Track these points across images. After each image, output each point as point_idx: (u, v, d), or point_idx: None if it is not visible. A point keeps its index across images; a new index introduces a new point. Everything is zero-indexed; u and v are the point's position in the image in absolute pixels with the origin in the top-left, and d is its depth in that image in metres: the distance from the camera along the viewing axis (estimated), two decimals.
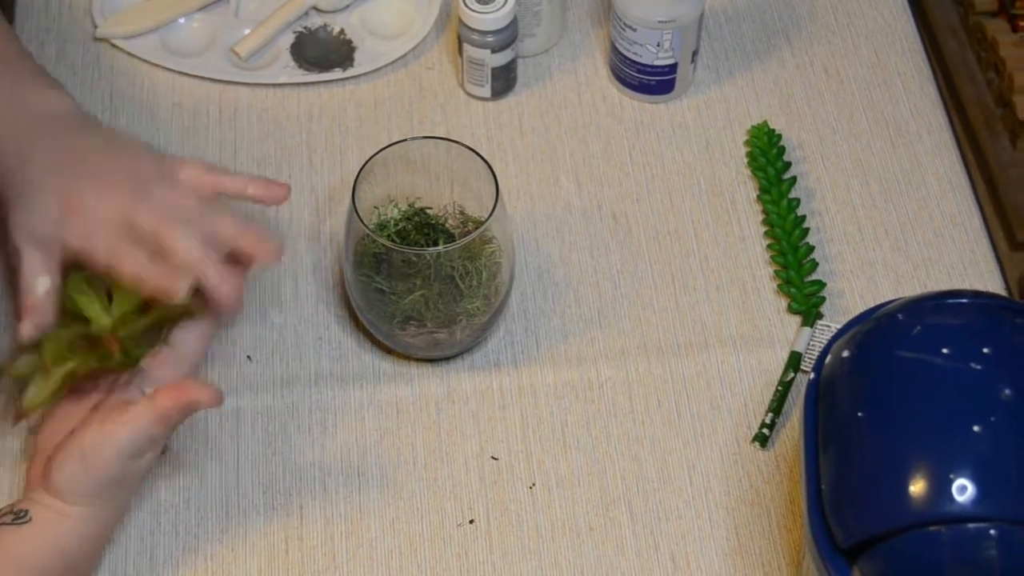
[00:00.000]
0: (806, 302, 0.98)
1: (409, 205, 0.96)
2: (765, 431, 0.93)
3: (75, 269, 0.87)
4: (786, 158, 1.05)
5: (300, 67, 1.10)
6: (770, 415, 0.93)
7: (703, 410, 0.95)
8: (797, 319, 0.98)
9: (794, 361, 0.95)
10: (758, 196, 1.04)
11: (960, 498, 0.70)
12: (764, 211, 1.03)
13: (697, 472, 0.92)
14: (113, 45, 1.11)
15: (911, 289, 1.00)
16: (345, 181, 1.03)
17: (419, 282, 0.90)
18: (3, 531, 0.83)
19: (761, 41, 1.13)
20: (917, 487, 0.71)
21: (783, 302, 0.99)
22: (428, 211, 0.96)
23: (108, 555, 0.89)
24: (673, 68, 1.06)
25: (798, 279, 0.99)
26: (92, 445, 0.83)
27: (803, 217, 1.02)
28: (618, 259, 1.01)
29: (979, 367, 0.73)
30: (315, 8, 1.12)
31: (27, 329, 0.86)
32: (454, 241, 0.91)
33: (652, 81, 1.07)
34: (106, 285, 0.87)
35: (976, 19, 1.12)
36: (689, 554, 0.89)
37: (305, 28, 1.12)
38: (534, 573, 0.88)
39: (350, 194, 0.90)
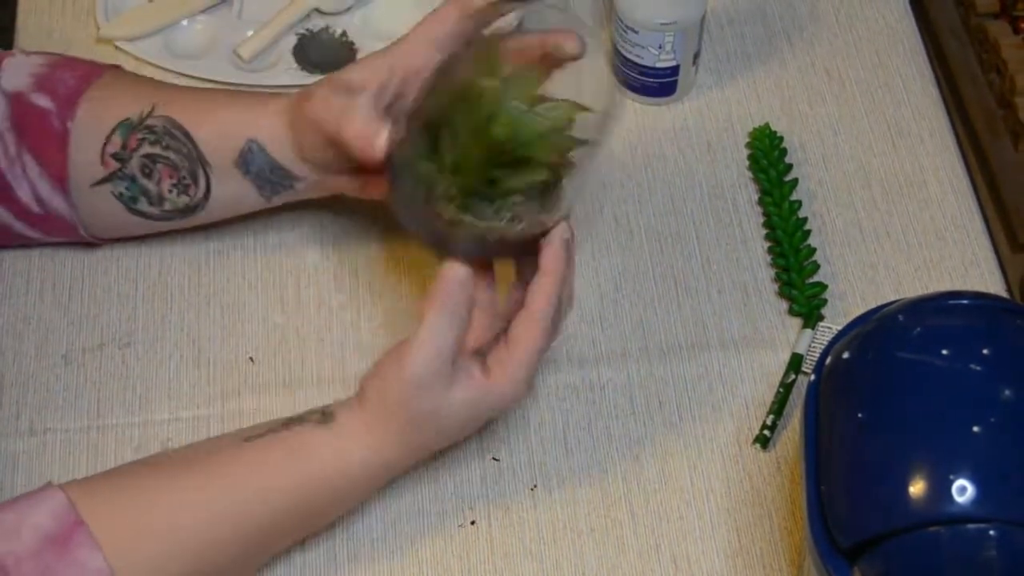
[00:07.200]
0: (807, 304, 0.98)
1: None
2: (766, 433, 0.93)
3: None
4: (788, 160, 1.05)
5: (303, 69, 1.10)
6: (771, 417, 0.93)
7: (704, 412, 0.95)
8: (798, 321, 0.98)
9: (795, 363, 0.96)
10: (760, 198, 1.04)
11: (960, 499, 0.70)
12: (765, 213, 1.03)
13: (698, 473, 0.92)
14: (116, 47, 1.11)
15: (912, 291, 1.00)
16: None
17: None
18: (309, 427, 0.84)
19: (763, 43, 1.13)
20: (917, 488, 0.71)
21: (784, 304, 0.99)
22: None
23: None
24: (675, 70, 1.06)
25: (799, 281, 0.99)
26: (387, 364, 0.83)
27: (804, 219, 1.02)
28: (619, 261, 1.01)
29: (979, 368, 0.73)
30: (317, 10, 1.12)
31: None
32: None
33: (654, 83, 1.07)
34: None
35: (978, 20, 1.12)
36: (690, 555, 0.89)
37: (307, 30, 1.12)
38: (535, 574, 0.89)
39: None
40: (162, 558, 0.79)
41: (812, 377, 0.81)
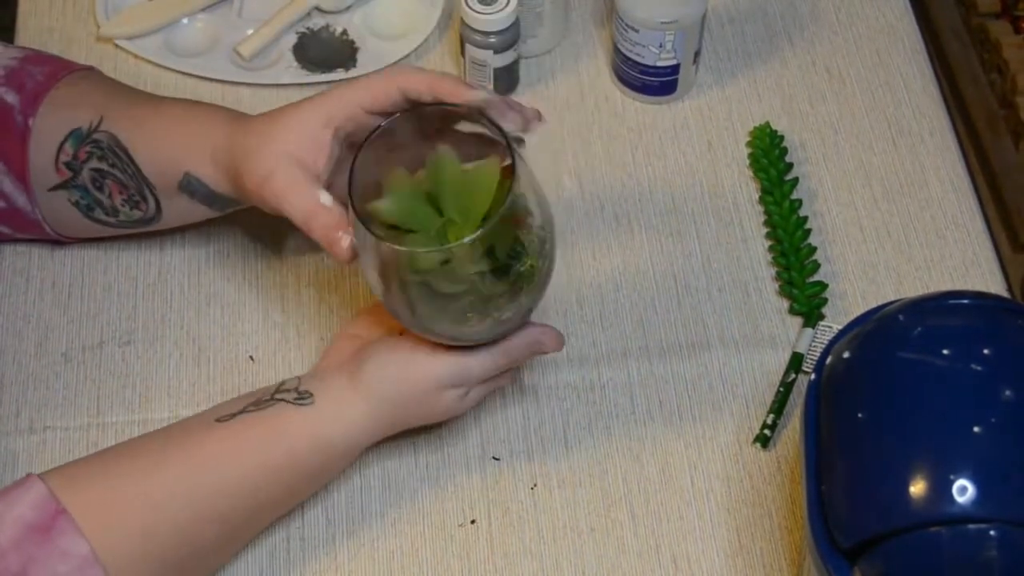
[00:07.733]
0: (808, 303, 0.98)
1: None
2: (766, 432, 0.93)
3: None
4: (788, 159, 1.05)
5: (303, 67, 1.10)
6: (771, 416, 0.93)
7: (704, 411, 0.95)
8: (799, 320, 0.98)
9: (796, 362, 0.96)
10: (760, 197, 1.04)
11: (961, 499, 0.70)
12: (766, 212, 1.03)
13: (698, 473, 0.92)
14: (116, 45, 1.11)
15: (913, 290, 1.00)
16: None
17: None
18: (283, 407, 0.84)
19: (763, 42, 1.13)
20: (918, 488, 0.71)
21: (785, 303, 0.99)
22: None
23: None
24: (675, 69, 1.06)
25: (800, 280, 0.99)
26: (415, 367, 0.84)
27: (805, 218, 1.02)
28: (620, 260, 1.01)
29: (980, 368, 0.73)
30: (318, 8, 1.12)
31: None
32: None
33: (654, 82, 1.07)
34: None
35: (979, 20, 1.12)
36: (690, 555, 0.89)
37: (308, 28, 1.12)
38: (535, 574, 0.88)
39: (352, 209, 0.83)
40: (144, 539, 0.79)
41: (812, 376, 0.81)
